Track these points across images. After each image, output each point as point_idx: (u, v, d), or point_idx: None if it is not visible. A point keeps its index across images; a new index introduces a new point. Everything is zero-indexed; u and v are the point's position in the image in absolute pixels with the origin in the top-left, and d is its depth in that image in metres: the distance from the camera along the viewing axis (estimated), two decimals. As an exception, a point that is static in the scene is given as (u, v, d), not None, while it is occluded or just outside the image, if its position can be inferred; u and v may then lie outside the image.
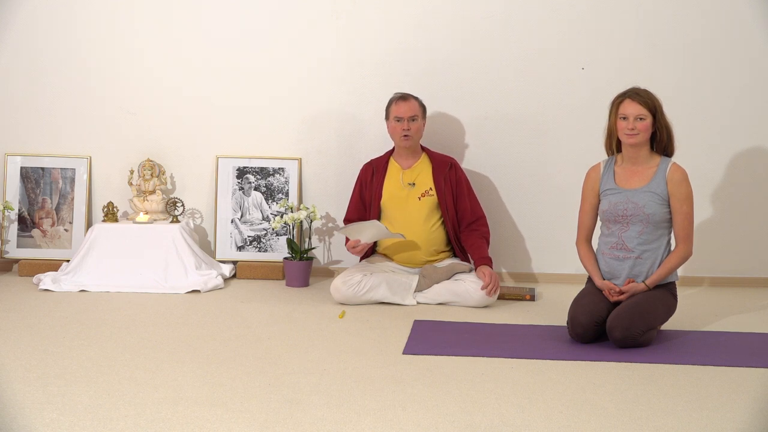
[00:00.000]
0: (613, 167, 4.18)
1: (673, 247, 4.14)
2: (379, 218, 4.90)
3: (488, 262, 4.78)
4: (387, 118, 4.91)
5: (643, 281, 4.04)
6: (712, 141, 5.30)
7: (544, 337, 4.08)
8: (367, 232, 4.71)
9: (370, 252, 4.99)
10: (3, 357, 3.66)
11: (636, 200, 4.06)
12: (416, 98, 4.89)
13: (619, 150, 4.19)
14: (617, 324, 3.86)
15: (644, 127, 4.04)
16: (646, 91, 4.09)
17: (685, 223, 4.08)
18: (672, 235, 4.16)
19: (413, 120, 4.83)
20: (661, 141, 4.11)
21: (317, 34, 5.35)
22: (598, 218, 4.24)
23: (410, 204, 4.84)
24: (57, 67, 5.41)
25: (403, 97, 4.86)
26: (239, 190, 5.42)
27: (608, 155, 4.25)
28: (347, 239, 4.87)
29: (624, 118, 4.05)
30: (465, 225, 4.90)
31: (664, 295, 4.07)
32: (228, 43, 5.38)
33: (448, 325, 4.31)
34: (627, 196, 4.08)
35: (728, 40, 5.23)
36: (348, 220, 4.98)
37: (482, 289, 4.62)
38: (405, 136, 4.83)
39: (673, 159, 4.16)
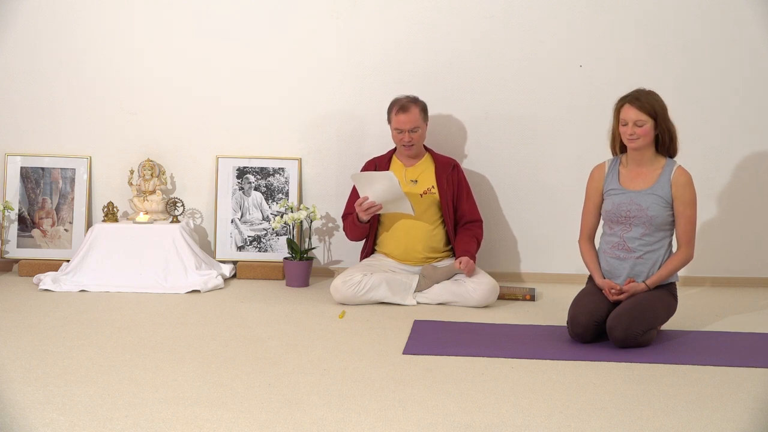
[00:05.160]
0: (618, 167, 4.18)
1: (674, 249, 4.14)
2: (379, 216, 4.89)
3: (470, 256, 4.76)
4: (389, 122, 4.90)
5: (643, 281, 4.04)
6: (712, 141, 5.30)
7: (544, 337, 4.08)
8: (378, 185, 4.65)
9: (370, 251, 4.99)
10: (3, 357, 3.66)
11: (639, 202, 4.06)
12: (417, 103, 4.87)
13: (624, 151, 4.19)
14: (617, 324, 3.86)
15: (644, 132, 4.03)
16: (647, 95, 4.07)
17: (688, 227, 4.07)
18: (674, 236, 4.15)
19: (414, 131, 4.82)
20: (663, 144, 4.10)
21: (317, 34, 5.35)
22: (601, 217, 4.24)
23: (412, 200, 4.83)
24: (57, 67, 5.41)
25: (403, 108, 4.82)
26: (239, 190, 5.42)
27: (613, 156, 4.25)
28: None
29: (624, 124, 4.05)
30: (461, 224, 4.91)
31: (665, 295, 4.06)
32: (228, 43, 5.38)
33: (448, 325, 4.31)
34: (630, 198, 4.07)
35: (728, 40, 5.23)
36: (347, 215, 4.97)
37: (457, 266, 4.69)
38: (406, 146, 4.84)
39: (678, 161, 4.14)
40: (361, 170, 5.03)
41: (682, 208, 4.06)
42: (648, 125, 4.02)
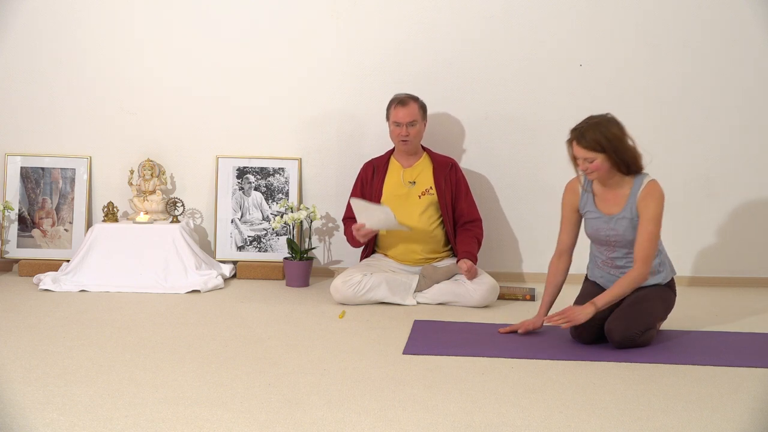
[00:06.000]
0: (591, 186, 4.05)
1: (662, 254, 4.07)
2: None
3: (471, 257, 4.77)
4: (387, 118, 4.91)
5: (591, 302, 3.89)
6: (712, 140, 5.30)
7: (544, 337, 4.08)
8: (375, 216, 4.66)
9: (370, 251, 4.99)
10: (3, 357, 3.66)
11: (615, 227, 3.95)
12: (416, 100, 4.88)
13: None
14: (615, 326, 3.85)
15: (596, 167, 3.87)
16: (593, 129, 3.84)
17: (646, 243, 3.86)
18: (662, 243, 4.05)
19: (412, 125, 4.83)
20: (621, 171, 3.92)
21: (317, 34, 5.35)
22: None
23: (410, 202, 4.85)
24: (57, 67, 5.41)
25: (402, 102, 4.84)
26: (239, 190, 5.42)
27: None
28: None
29: (576, 158, 3.93)
30: (460, 224, 4.91)
31: (662, 291, 4.04)
32: (228, 43, 5.38)
33: (448, 325, 4.31)
34: (607, 222, 3.98)
35: (728, 40, 5.23)
36: (347, 219, 4.98)
37: (463, 272, 4.69)
38: (403, 140, 4.84)
39: (651, 175, 3.96)
40: (360, 171, 5.03)
41: (645, 223, 3.86)
42: (598, 160, 3.85)
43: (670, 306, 4.08)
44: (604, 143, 3.82)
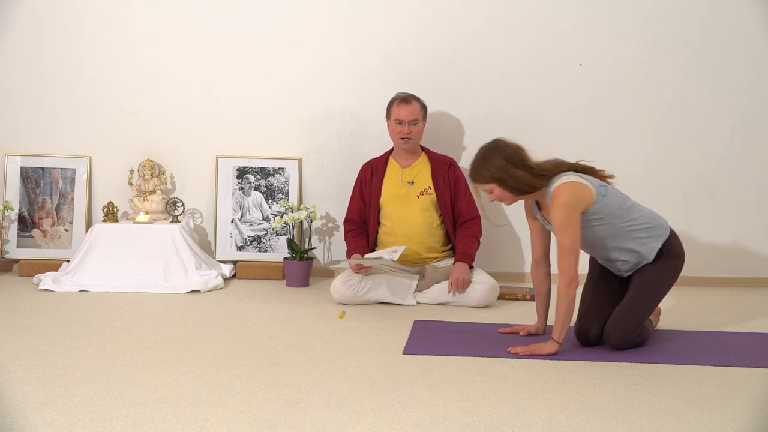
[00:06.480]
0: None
1: (635, 224, 3.86)
2: (378, 216, 4.90)
3: (467, 259, 4.77)
4: (388, 117, 4.91)
5: (551, 337, 3.82)
6: (712, 140, 5.30)
7: (543, 338, 4.07)
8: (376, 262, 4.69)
9: (371, 251, 4.99)
10: (3, 357, 3.66)
11: None
12: (418, 99, 4.89)
13: None
14: (612, 331, 3.83)
15: (499, 197, 3.81)
16: (479, 163, 3.80)
17: (558, 255, 3.73)
18: (631, 213, 3.86)
19: (414, 123, 4.83)
20: (521, 193, 3.81)
21: (317, 34, 5.35)
22: None
23: (409, 202, 4.85)
24: (57, 67, 5.41)
25: (404, 100, 4.85)
26: (239, 190, 5.42)
27: None
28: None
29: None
30: (459, 223, 4.91)
31: (659, 275, 3.89)
32: (228, 42, 5.38)
33: (448, 325, 4.31)
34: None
35: (728, 40, 5.23)
36: (349, 221, 4.98)
37: (449, 291, 4.67)
38: (403, 138, 4.84)
39: (563, 178, 3.78)
40: (359, 172, 5.02)
41: (555, 234, 3.77)
42: (496, 190, 3.80)
43: (674, 277, 3.92)
44: (488, 177, 3.78)
